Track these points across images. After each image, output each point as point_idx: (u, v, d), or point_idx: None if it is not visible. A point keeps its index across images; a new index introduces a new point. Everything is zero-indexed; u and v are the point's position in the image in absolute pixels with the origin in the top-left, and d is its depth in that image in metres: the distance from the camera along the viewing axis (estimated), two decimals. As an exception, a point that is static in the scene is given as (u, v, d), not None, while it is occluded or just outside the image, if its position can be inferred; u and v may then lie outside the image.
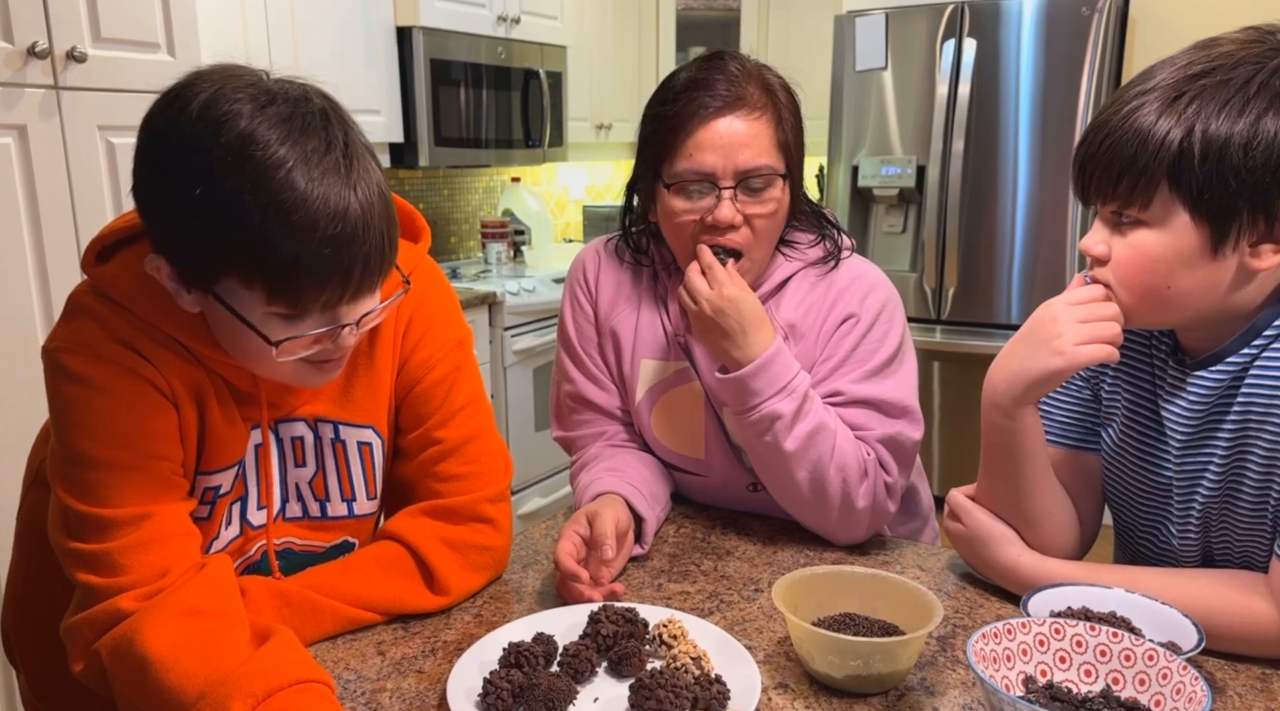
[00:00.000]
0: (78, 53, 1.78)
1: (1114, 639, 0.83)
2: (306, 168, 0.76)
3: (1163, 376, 0.99)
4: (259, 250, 0.76)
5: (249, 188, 0.75)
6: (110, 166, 1.86)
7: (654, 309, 1.26)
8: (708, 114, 1.12)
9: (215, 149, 0.75)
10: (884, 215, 3.44)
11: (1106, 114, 0.90)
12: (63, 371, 0.85)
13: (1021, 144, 3.15)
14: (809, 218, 1.25)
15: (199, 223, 0.77)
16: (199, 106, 0.77)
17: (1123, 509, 1.06)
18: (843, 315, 1.19)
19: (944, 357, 3.36)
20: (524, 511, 3.05)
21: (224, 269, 0.79)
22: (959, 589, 1.06)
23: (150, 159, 0.80)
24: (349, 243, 0.78)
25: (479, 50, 3.08)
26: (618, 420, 1.28)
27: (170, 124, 0.78)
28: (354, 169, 0.79)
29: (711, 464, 1.23)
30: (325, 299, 0.80)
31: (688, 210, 1.14)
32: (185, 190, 0.76)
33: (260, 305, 0.80)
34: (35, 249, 1.76)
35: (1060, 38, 3.05)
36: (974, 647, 0.80)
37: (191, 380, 0.89)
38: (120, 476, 0.84)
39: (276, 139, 0.76)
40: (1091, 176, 0.91)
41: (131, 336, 0.86)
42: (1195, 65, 0.87)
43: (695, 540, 1.19)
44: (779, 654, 0.92)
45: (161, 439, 0.87)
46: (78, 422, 0.84)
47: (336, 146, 0.79)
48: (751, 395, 1.09)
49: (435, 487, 1.03)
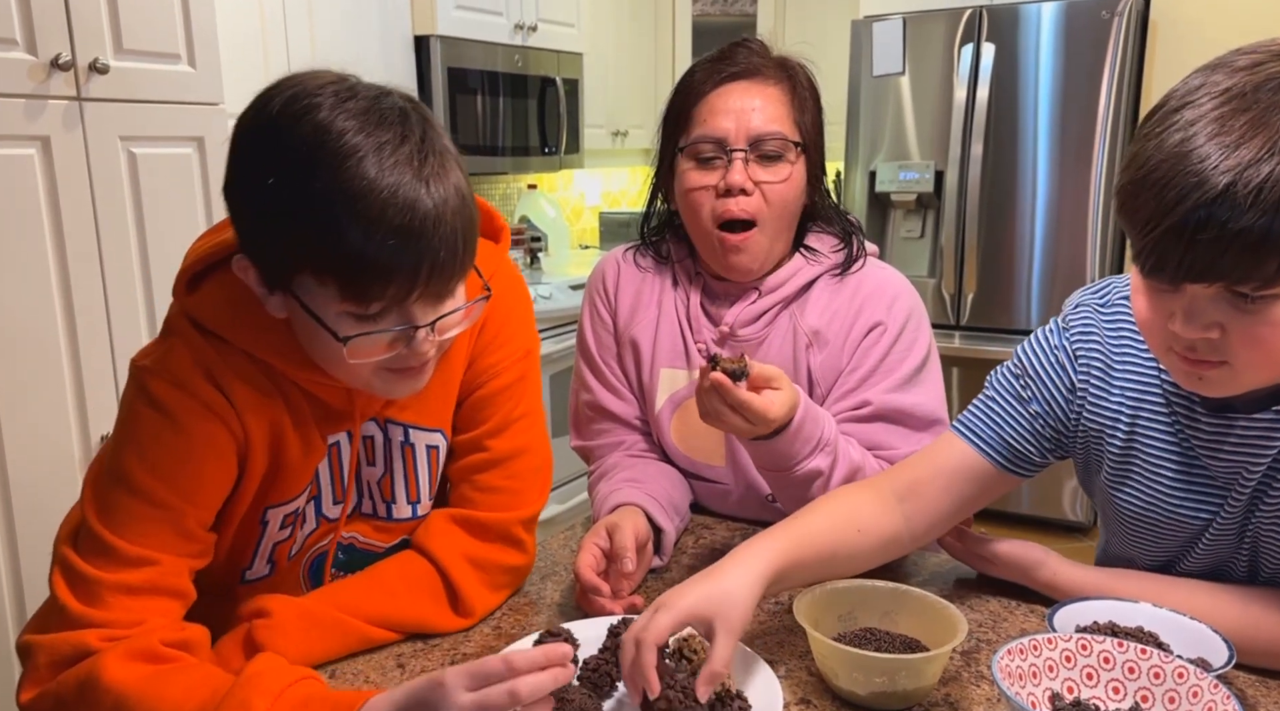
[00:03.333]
0: (100, 64, 1.79)
1: (1142, 655, 0.81)
2: (379, 158, 0.76)
3: (1193, 426, 0.92)
4: (328, 241, 0.76)
5: (320, 176, 0.75)
6: (132, 177, 1.87)
7: (674, 317, 1.25)
8: (722, 79, 1.15)
9: (292, 139, 0.76)
10: (902, 220, 3.42)
11: (1194, 189, 0.71)
12: (145, 391, 0.85)
13: (1041, 148, 3.13)
14: (831, 218, 1.25)
15: (274, 215, 0.77)
16: (282, 102, 0.78)
17: (1136, 545, 1.02)
18: (869, 324, 1.18)
19: (963, 363, 3.34)
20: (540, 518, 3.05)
21: (299, 263, 0.78)
22: (982, 602, 1.04)
23: (235, 155, 0.81)
24: (418, 236, 0.77)
25: (496, 58, 3.09)
26: (636, 430, 1.28)
27: (254, 119, 0.79)
28: (428, 163, 0.78)
29: (731, 472, 1.23)
30: (393, 293, 0.78)
31: (701, 179, 1.15)
32: (262, 182, 0.77)
33: (334, 302, 0.79)
34: (58, 260, 1.78)
35: (1080, 41, 3.03)
36: (999, 663, 0.79)
37: (271, 417, 0.89)
38: (147, 511, 0.84)
39: (352, 129, 0.76)
40: (1202, 264, 0.72)
41: (218, 369, 0.86)
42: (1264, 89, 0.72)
43: (715, 551, 1.18)
44: (801, 669, 0.91)
45: (207, 490, 0.87)
46: (138, 443, 0.84)
47: (412, 140, 0.78)
48: (788, 458, 1.06)
49: (472, 496, 1.02)
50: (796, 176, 1.15)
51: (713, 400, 0.97)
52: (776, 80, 1.15)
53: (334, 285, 0.78)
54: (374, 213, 0.75)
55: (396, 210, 0.75)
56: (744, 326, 1.21)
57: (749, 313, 1.21)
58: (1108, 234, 3.09)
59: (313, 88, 0.78)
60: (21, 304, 1.73)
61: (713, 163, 1.14)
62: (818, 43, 1.26)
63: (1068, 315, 1.03)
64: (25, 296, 1.73)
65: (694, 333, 1.24)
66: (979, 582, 1.09)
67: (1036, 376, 1.01)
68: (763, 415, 0.97)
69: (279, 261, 0.80)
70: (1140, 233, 0.76)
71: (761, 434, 1.02)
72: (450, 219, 0.78)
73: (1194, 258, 0.73)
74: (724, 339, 1.22)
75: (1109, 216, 3.08)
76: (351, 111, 0.77)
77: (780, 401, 0.99)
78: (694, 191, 1.15)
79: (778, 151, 1.13)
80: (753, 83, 1.14)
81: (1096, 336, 0.99)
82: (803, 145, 1.15)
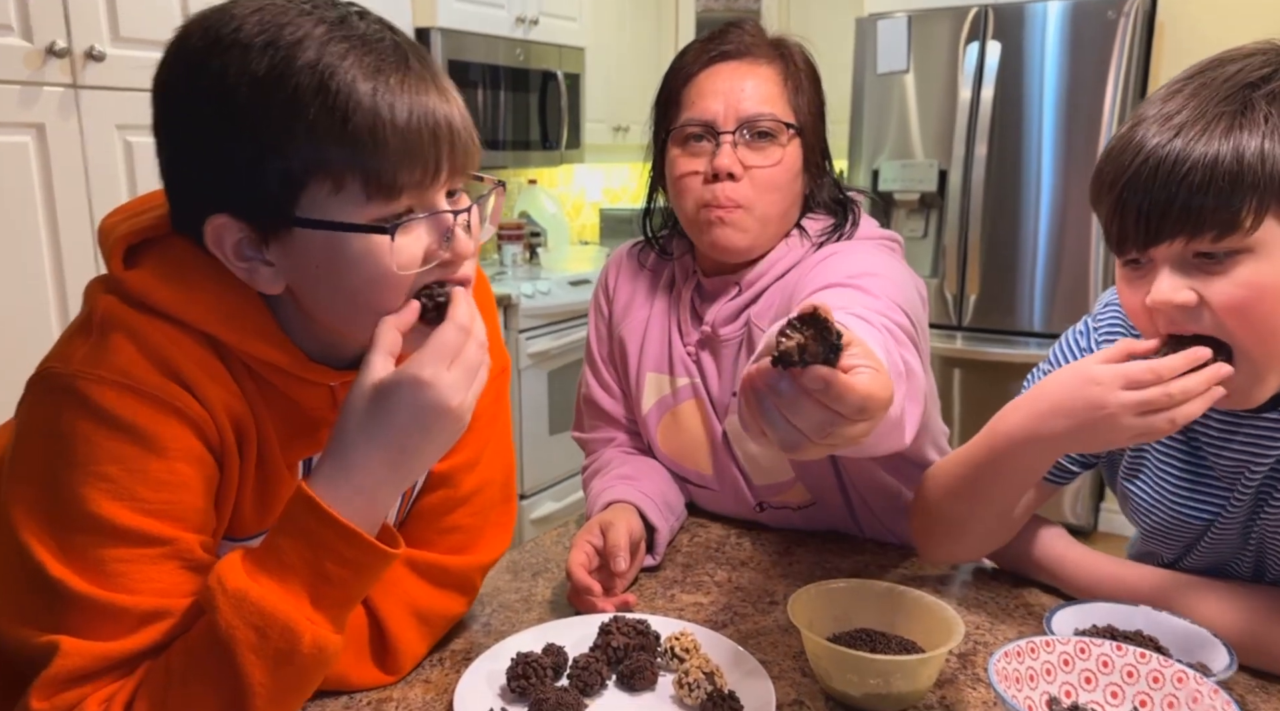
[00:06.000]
0: (96, 52, 1.78)
1: (1141, 659, 0.80)
2: (372, 57, 0.68)
3: (1202, 422, 0.92)
4: (339, 125, 0.66)
5: (317, 57, 0.66)
6: (128, 166, 1.86)
7: (664, 319, 1.21)
8: (711, 59, 1.10)
9: (277, 40, 0.66)
10: (905, 220, 3.40)
11: (1142, 151, 0.79)
12: (84, 405, 0.67)
13: (1045, 148, 3.11)
14: (830, 206, 1.17)
15: (266, 121, 0.66)
16: (252, 22, 0.67)
17: (1151, 540, 1.02)
18: (826, 256, 1.09)
19: (965, 365, 3.32)
20: (536, 516, 3.04)
21: (306, 174, 0.67)
22: (979, 603, 1.03)
23: (188, 84, 0.68)
24: (434, 109, 0.69)
25: (497, 51, 3.07)
26: (628, 429, 1.26)
27: (213, 38, 0.67)
28: (434, 77, 0.71)
29: (718, 481, 1.20)
30: (419, 178, 0.69)
31: (689, 164, 1.10)
32: (235, 96, 0.66)
33: (358, 208, 0.68)
34: (52, 249, 1.77)
35: (1085, 41, 3.00)
36: (996, 666, 0.78)
37: (238, 423, 0.73)
38: (144, 552, 0.67)
39: (340, 37, 0.68)
40: (1156, 217, 0.78)
41: (176, 358, 0.69)
42: (1242, 75, 0.79)
43: (709, 550, 1.16)
44: (794, 669, 0.90)
45: (203, 505, 0.72)
46: (97, 474, 0.66)
47: (414, 64, 0.70)
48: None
49: (433, 537, 0.90)
50: (789, 160, 1.10)
51: (814, 413, 0.58)
52: (769, 60, 1.10)
53: (357, 180, 0.67)
54: (383, 87, 0.67)
55: (407, 87, 0.68)
56: (724, 325, 1.15)
57: (728, 310, 1.14)
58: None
59: (277, 8, 0.68)
60: (15, 293, 1.71)
61: (701, 146, 1.10)
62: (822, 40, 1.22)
63: (1097, 314, 1.03)
64: (19, 285, 1.72)
65: (682, 336, 1.19)
66: (976, 584, 1.08)
67: None
68: (884, 399, 0.60)
69: (276, 186, 0.68)
70: (1104, 210, 0.82)
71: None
72: (459, 101, 0.72)
73: (1149, 216, 0.78)
74: (706, 340, 1.17)
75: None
76: (331, 20, 0.68)
77: (882, 375, 0.61)
78: (682, 177, 1.11)
79: (769, 132, 1.08)
80: (743, 63, 1.09)
81: (1123, 334, 0.98)
82: (797, 128, 1.10)
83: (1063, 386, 0.84)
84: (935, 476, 1.01)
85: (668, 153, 1.13)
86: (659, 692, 0.85)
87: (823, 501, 1.17)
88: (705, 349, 1.17)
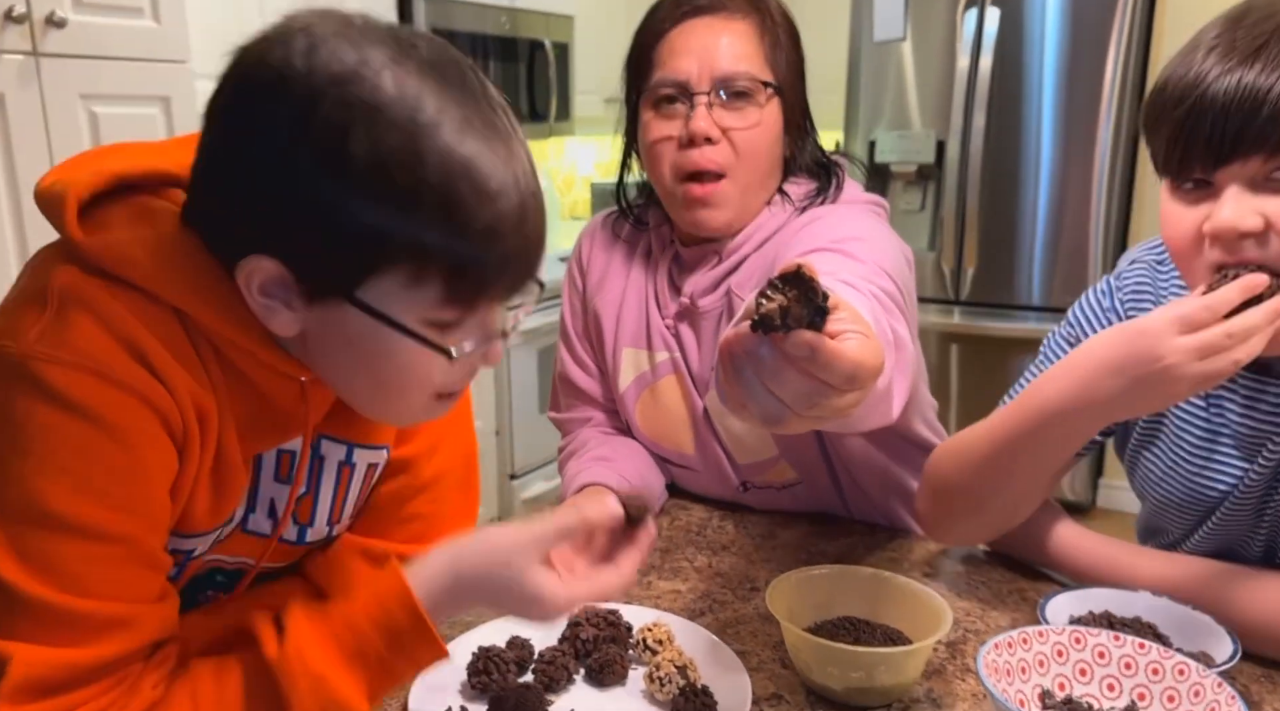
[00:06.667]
0: (57, 18, 1.71)
1: (1140, 650, 0.75)
2: (469, 122, 0.61)
3: (1230, 385, 0.88)
4: (458, 223, 0.60)
5: (423, 140, 0.59)
6: (93, 137, 1.79)
7: (640, 291, 1.16)
8: (682, 16, 1.04)
9: (416, 117, 0.59)
10: (901, 192, 3.33)
11: (1212, 71, 0.75)
12: (41, 390, 0.60)
13: (1045, 118, 3.04)
14: (814, 170, 1.10)
15: (379, 196, 0.59)
16: (329, 54, 0.59)
17: (1161, 513, 0.97)
18: (809, 221, 1.04)
19: (962, 340, 3.27)
20: (527, 495, 3.00)
21: (392, 259, 0.60)
22: (970, 589, 0.98)
23: (291, 126, 0.59)
24: (532, 214, 0.63)
25: (483, 20, 2.99)
26: (605, 408, 1.21)
27: (335, 88, 0.59)
28: (507, 128, 0.64)
29: (701, 459, 1.15)
30: (505, 287, 0.65)
31: (662, 128, 1.03)
32: (370, 154, 0.58)
33: (427, 308, 0.62)
34: (15, 225, 1.71)
35: (1086, 7, 2.93)
36: (985, 659, 0.73)
37: (201, 411, 0.66)
38: (106, 551, 0.62)
39: (430, 90, 0.60)
40: (1233, 132, 0.74)
41: (143, 338, 0.62)
42: None
43: (689, 533, 1.11)
44: (774, 661, 0.85)
45: (164, 501, 0.66)
46: (56, 466, 0.60)
47: (485, 101, 0.63)
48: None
49: (389, 525, 0.85)
50: (769, 121, 1.04)
51: (799, 382, 0.53)
52: (744, 14, 1.04)
53: (437, 283, 0.61)
54: (494, 186, 0.60)
55: (514, 183, 0.62)
56: (703, 296, 1.09)
57: (708, 280, 1.09)
58: (1113, 206, 3.01)
59: (357, 37, 0.61)
60: (-24, 269, 1.66)
61: (675, 109, 1.04)
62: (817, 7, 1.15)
63: (1121, 272, 0.97)
64: (-20, 261, 1.66)
65: (660, 308, 1.14)
66: (968, 568, 1.03)
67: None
68: (874, 367, 0.54)
69: (357, 259, 0.61)
70: (1165, 130, 0.77)
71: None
72: (539, 191, 0.66)
73: (1224, 131, 0.73)
74: (685, 312, 1.11)
75: (1114, 188, 2.99)
76: (414, 68, 0.61)
77: (872, 341, 0.55)
78: (656, 143, 1.05)
79: (748, 93, 1.02)
80: (717, 18, 1.03)
81: (1150, 294, 0.93)
82: (775, 86, 1.04)
83: (1109, 345, 0.78)
84: (952, 451, 0.95)
85: (640, 116, 1.07)
86: (629, 687, 0.81)
87: (808, 480, 1.13)
88: (684, 321, 1.12)
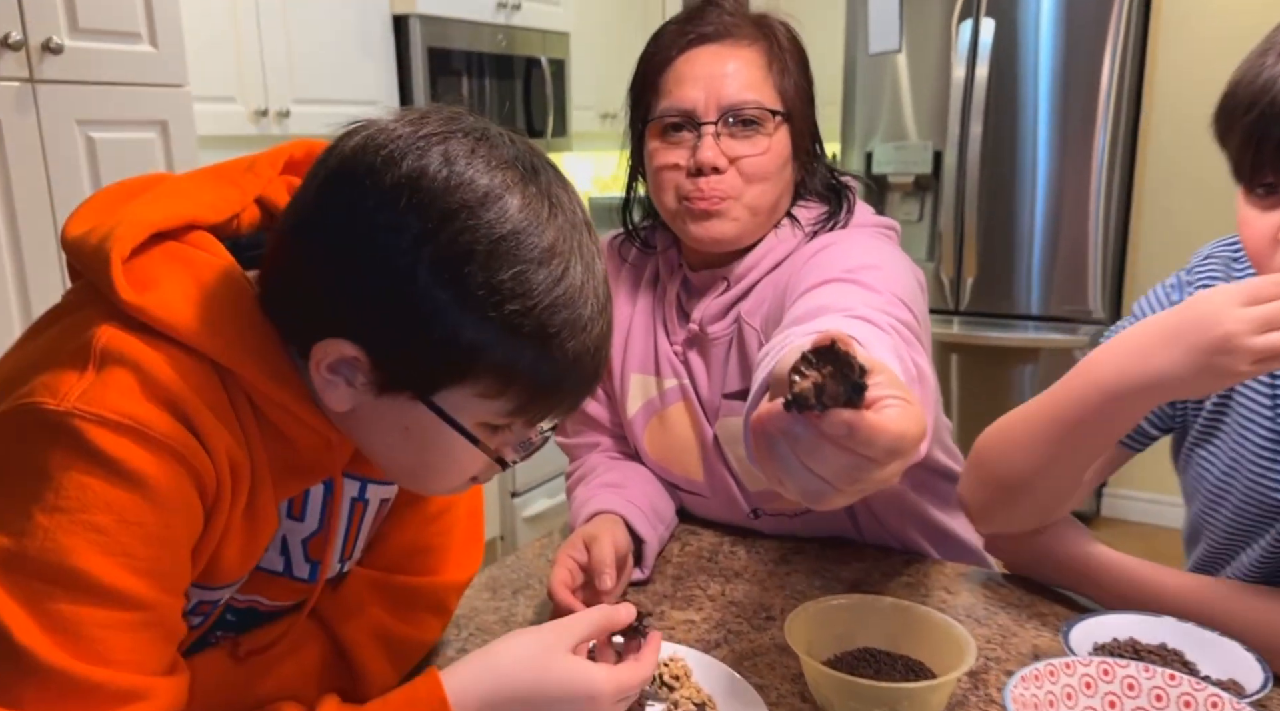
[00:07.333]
0: (54, 44, 1.70)
1: (1171, 681, 0.74)
2: (582, 251, 0.63)
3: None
4: (539, 348, 0.61)
5: (543, 270, 0.61)
6: (91, 162, 1.78)
7: (649, 318, 1.14)
8: (689, 44, 1.02)
9: (502, 228, 0.60)
10: (899, 203, 3.32)
11: (1273, 76, 0.75)
12: (80, 446, 0.58)
13: (1041, 127, 3.04)
14: (824, 195, 1.09)
15: (458, 311, 0.60)
16: (464, 178, 0.60)
17: (1211, 517, 0.95)
18: (820, 247, 1.02)
19: (963, 350, 3.26)
20: (529, 513, 2.97)
21: (471, 372, 0.62)
22: (990, 615, 0.97)
23: (378, 219, 0.60)
24: (608, 338, 0.66)
25: (479, 38, 2.99)
26: (614, 433, 1.19)
27: (425, 184, 0.60)
28: (590, 243, 0.65)
29: (710, 487, 1.13)
30: (570, 404, 0.68)
31: (668, 156, 1.02)
32: (449, 270, 0.59)
33: (489, 414, 0.64)
34: (12, 250, 1.69)
35: (1081, 16, 2.93)
36: (1013, 693, 0.72)
37: (235, 466, 0.65)
38: (127, 618, 0.59)
39: (547, 221, 0.62)
40: None
41: (184, 396, 0.61)
42: None
43: (701, 560, 1.10)
44: (793, 694, 0.83)
45: (187, 564, 0.64)
46: (86, 523, 0.58)
47: (573, 215, 0.64)
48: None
49: (400, 559, 0.85)
50: (777, 148, 1.02)
51: (838, 458, 0.50)
52: (751, 41, 1.03)
53: (512, 400, 0.63)
54: (585, 318, 0.63)
55: (598, 313, 0.64)
56: (712, 323, 1.08)
57: (717, 306, 1.07)
58: (1110, 215, 3.00)
59: (483, 155, 0.62)
60: (-27, 298, 1.64)
61: (681, 137, 1.02)
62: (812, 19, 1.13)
63: (1194, 267, 0.96)
64: (-23, 290, 1.65)
65: (668, 334, 1.12)
66: (985, 592, 1.01)
67: None
68: (917, 435, 0.51)
69: (444, 369, 0.62)
70: (1237, 137, 0.78)
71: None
72: (611, 310, 0.68)
73: None
74: (694, 339, 1.10)
75: (1112, 196, 2.99)
76: (535, 194, 0.62)
77: (913, 408, 0.52)
78: (662, 170, 1.04)
79: (754, 120, 1.01)
80: (724, 45, 1.02)
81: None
82: (784, 113, 1.02)
83: (1167, 316, 0.75)
84: (999, 434, 0.92)
85: (646, 143, 1.06)
86: (647, 725, 0.79)
87: (821, 506, 1.11)
88: (693, 348, 1.10)
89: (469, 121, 0.63)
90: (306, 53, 2.53)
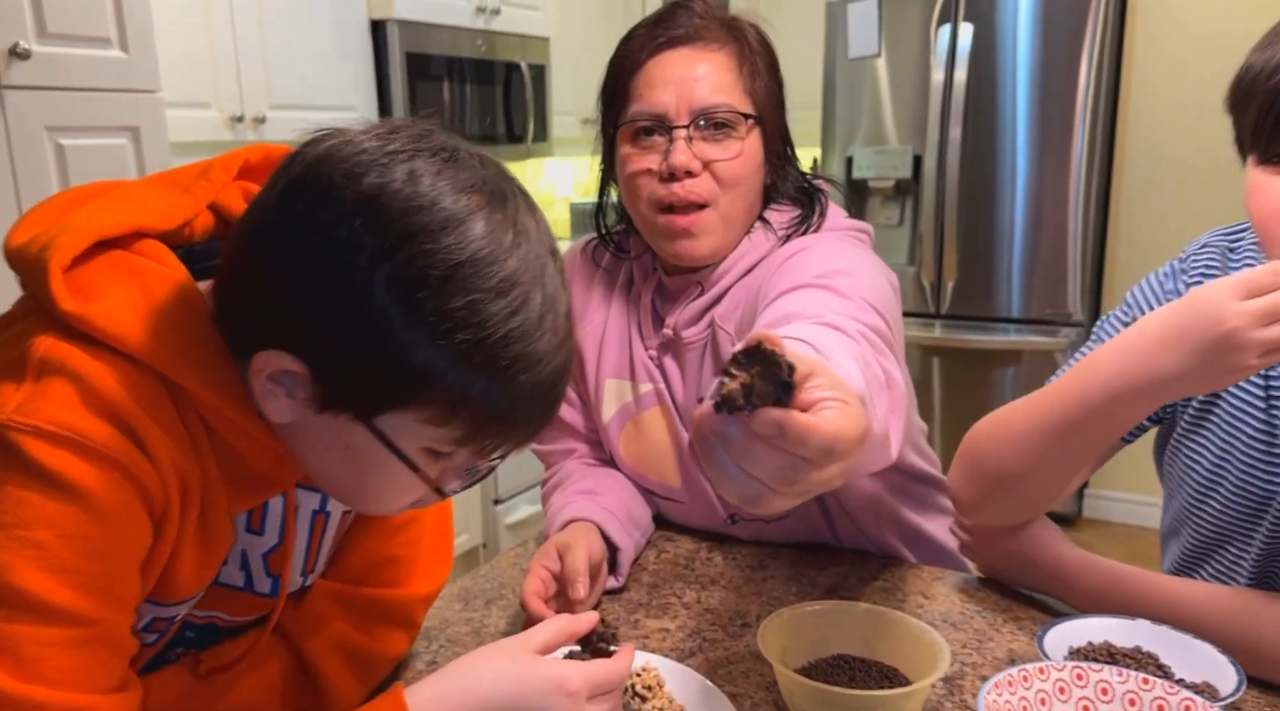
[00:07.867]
0: (21, 49, 1.67)
1: (1145, 686, 0.73)
2: (546, 281, 0.62)
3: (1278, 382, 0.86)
4: (492, 378, 0.59)
5: (501, 301, 0.59)
6: (60, 170, 1.76)
7: (623, 323, 1.13)
8: (659, 47, 1.01)
9: (462, 255, 0.58)
10: (880, 207, 3.33)
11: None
12: (17, 460, 0.57)
13: (1020, 131, 3.05)
14: (796, 198, 1.08)
15: (410, 332, 0.58)
16: (429, 197, 0.58)
17: (1196, 512, 0.94)
18: (792, 252, 1.01)
19: (944, 353, 3.26)
20: (511, 520, 2.96)
21: (419, 397, 0.60)
22: (965, 619, 0.96)
23: (337, 234, 0.58)
24: (567, 373, 0.64)
25: (458, 43, 2.97)
26: (589, 439, 1.18)
27: (384, 202, 0.58)
28: (558, 270, 0.64)
29: (687, 493, 1.12)
30: (520, 437, 0.65)
31: (641, 161, 1.01)
32: (404, 291, 0.57)
33: (433, 441, 0.63)
34: (-21, 258, 1.66)
35: (1059, 20, 2.95)
36: (986, 699, 0.71)
37: (184, 480, 0.63)
38: (70, 635, 0.57)
39: (511, 250, 0.60)
40: None
41: (128, 406, 0.59)
42: None
43: (677, 567, 1.09)
44: (768, 702, 0.82)
45: (135, 579, 0.62)
46: (24, 540, 0.56)
47: (556, 253, 0.64)
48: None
49: (363, 572, 0.83)
50: (750, 151, 1.02)
51: (772, 459, 0.50)
52: (722, 44, 1.02)
53: (457, 426, 0.61)
54: (541, 350, 0.61)
55: (556, 347, 0.62)
56: (686, 328, 1.07)
57: (690, 311, 1.07)
58: (1089, 216, 3.02)
59: (449, 178, 0.60)
60: (-61, 307, 1.61)
61: (653, 141, 1.02)
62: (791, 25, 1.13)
63: (1190, 254, 0.95)
64: (-57, 299, 1.62)
65: (643, 339, 1.12)
66: (961, 596, 1.01)
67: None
68: (854, 438, 0.51)
69: (383, 390, 0.60)
70: (1254, 107, 0.76)
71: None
72: (571, 344, 0.66)
73: None
74: (668, 344, 1.10)
75: (1091, 198, 3.01)
76: (500, 221, 0.60)
77: (852, 410, 0.52)
78: (634, 176, 1.03)
79: (725, 123, 1.00)
80: (694, 48, 1.01)
81: (1219, 276, 0.91)
82: (755, 117, 1.02)
83: (1165, 315, 0.74)
84: (992, 428, 0.91)
85: (618, 148, 1.05)
86: (619, 736, 0.78)
87: (798, 512, 1.10)
88: (668, 353, 1.10)
89: (439, 140, 0.62)
90: (283, 58, 2.50)
